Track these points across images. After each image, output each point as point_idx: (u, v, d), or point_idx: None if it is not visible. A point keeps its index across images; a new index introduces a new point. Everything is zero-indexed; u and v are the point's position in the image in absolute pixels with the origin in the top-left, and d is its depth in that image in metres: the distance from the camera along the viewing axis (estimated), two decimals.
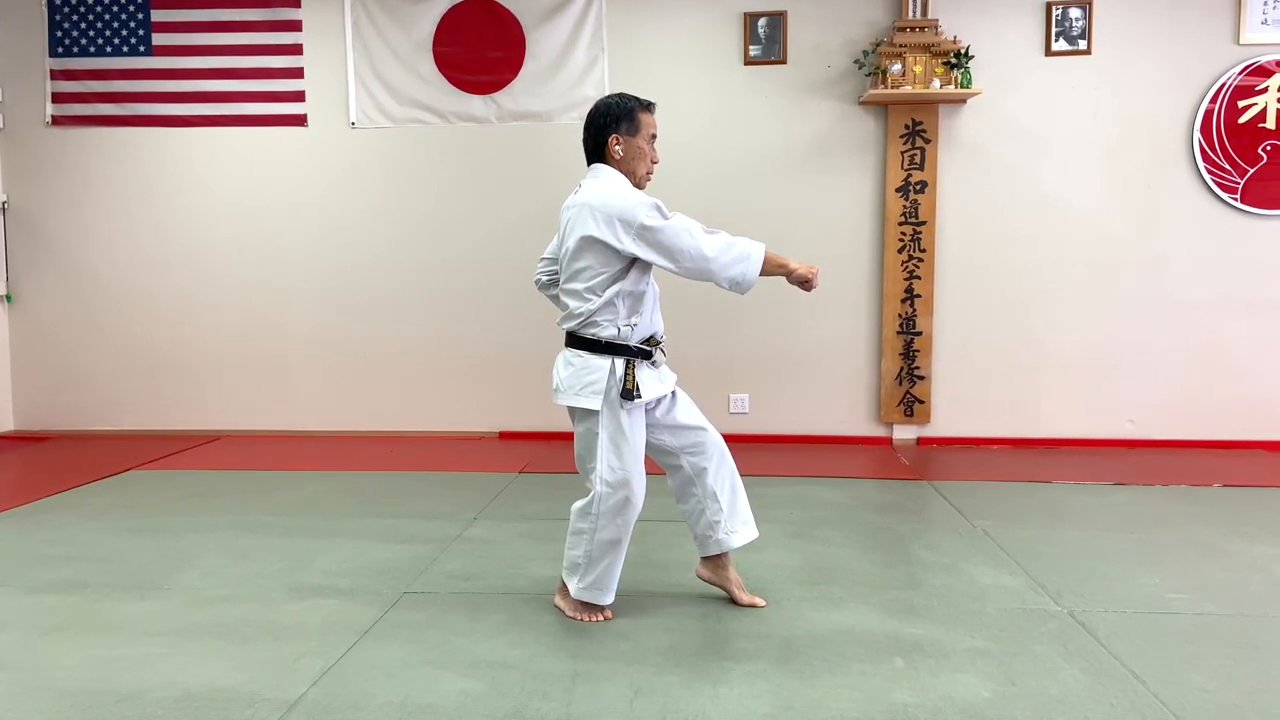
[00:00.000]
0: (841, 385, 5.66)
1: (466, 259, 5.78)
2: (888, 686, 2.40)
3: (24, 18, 5.83)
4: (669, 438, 2.89)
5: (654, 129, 2.85)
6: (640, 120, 2.81)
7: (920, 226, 5.45)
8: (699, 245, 2.63)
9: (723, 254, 2.64)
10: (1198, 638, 2.71)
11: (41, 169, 5.92)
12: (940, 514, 4.09)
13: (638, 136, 2.81)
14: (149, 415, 6.02)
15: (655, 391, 2.78)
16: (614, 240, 2.65)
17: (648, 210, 2.64)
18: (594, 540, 2.80)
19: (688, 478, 2.91)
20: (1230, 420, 5.45)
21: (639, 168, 2.83)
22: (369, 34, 5.67)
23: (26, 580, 3.24)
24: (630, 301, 2.74)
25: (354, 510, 4.16)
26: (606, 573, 2.83)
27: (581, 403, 2.74)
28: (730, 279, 2.66)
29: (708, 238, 2.65)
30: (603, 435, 2.74)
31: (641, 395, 2.72)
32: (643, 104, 2.84)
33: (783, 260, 2.71)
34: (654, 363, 2.81)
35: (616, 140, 2.79)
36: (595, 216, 2.67)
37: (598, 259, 2.69)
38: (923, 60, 5.20)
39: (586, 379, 2.74)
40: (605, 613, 2.87)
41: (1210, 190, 5.37)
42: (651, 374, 2.79)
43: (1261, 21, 5.26)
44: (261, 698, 2.35)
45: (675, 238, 2.63)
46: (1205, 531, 3.77)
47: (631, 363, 2.73)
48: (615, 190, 2.71)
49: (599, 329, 2.73)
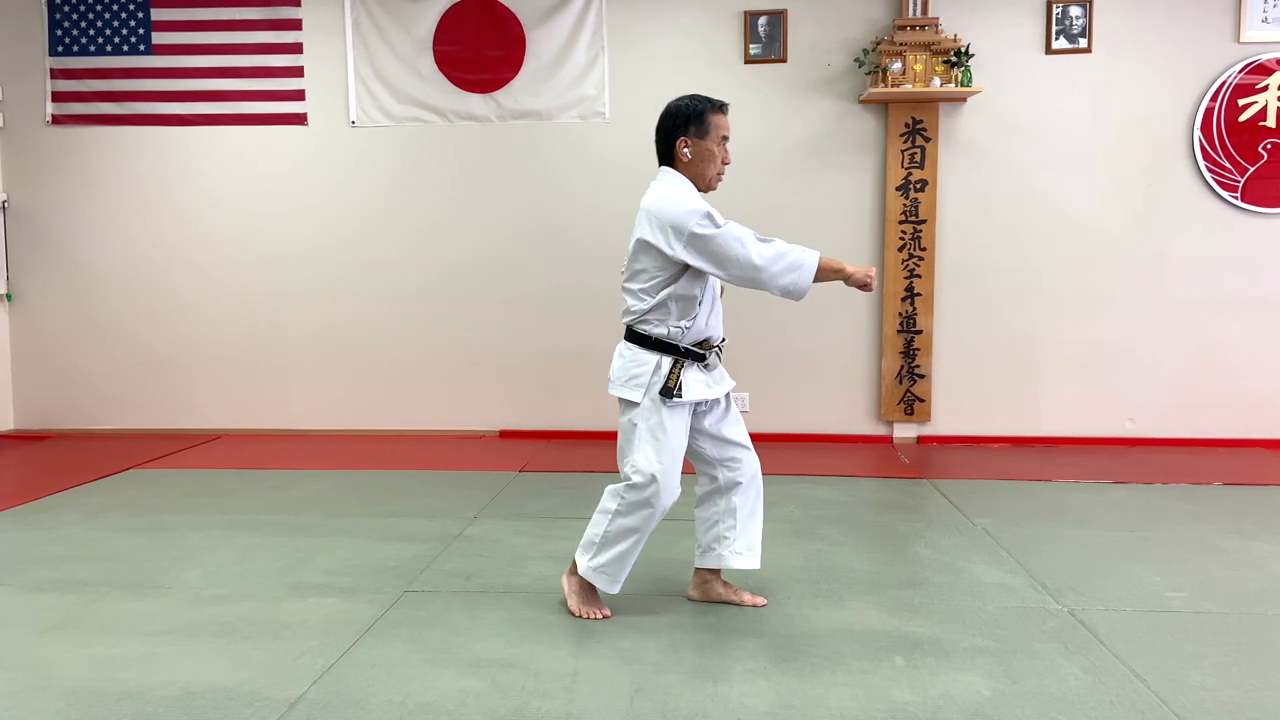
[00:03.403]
0: (842, 384, 5.66)
1: (467, 257, 5.78)
2: (888, 685, 2.40)
3: (24, 17, 5.83)
4: (710, 448, 2.91)
5: (725, 130, 2.80)
6: (710, 122, 2.78)
7: (920, 225, 5.45)
8: (749, 254, 2.63)
9: (773, 263, 2.64)
10: (1197, 636, 2.71)
11: (41, 168, 5.92)
12: (940, 512, 4.09)
13: (707, 139, 2.78)
14: (149, 414, 6.02)
15: (700, 394, 2.79)
16: (665, 246, 2.68)
17: (699, 219, 2.65)
18: (614, 522, 2.82)
19: (717, 488, 2.94)
20: (1230, 419, 5.45)
21: (707, 170, 2.82)
22: (369, 33, 5.67)
23: (27, 579, 3.24)
24: (683, 305, 2.76)
25: (354, 509, 4.16)
26: (618, 561, 2.84)
27: (625, 394, 2.80)
28: (781, 288, 2.67)
29: (759, 245, 2.65)
30: (641, 427, 2.77)
31: (682, 395, 2.74)
32: (714, 105, 2.80)
33: (839, 265, 2.70)
34: (706, 365, 2.82)
35: (685, 143, 2.78)
36: (650, 221, 2.71)
37: (652, 262, 2.74)
38: (923, 59, 5.20)
39: (632, 372, 2.79)
40: (604, 609, 2.88)
41: (1210, 188, 5.37)
42: (700, 377, 2.80)
43: (1262, 20, 5.26)
44: (262, 696, 2.35)
45: (725, 246, 2.64)
46: (1205, 530, 3.77)
47: (679, 362, 2.76)
48: (672, 196, 2.73)
49: (651, 326, 2.78)
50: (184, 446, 5.57)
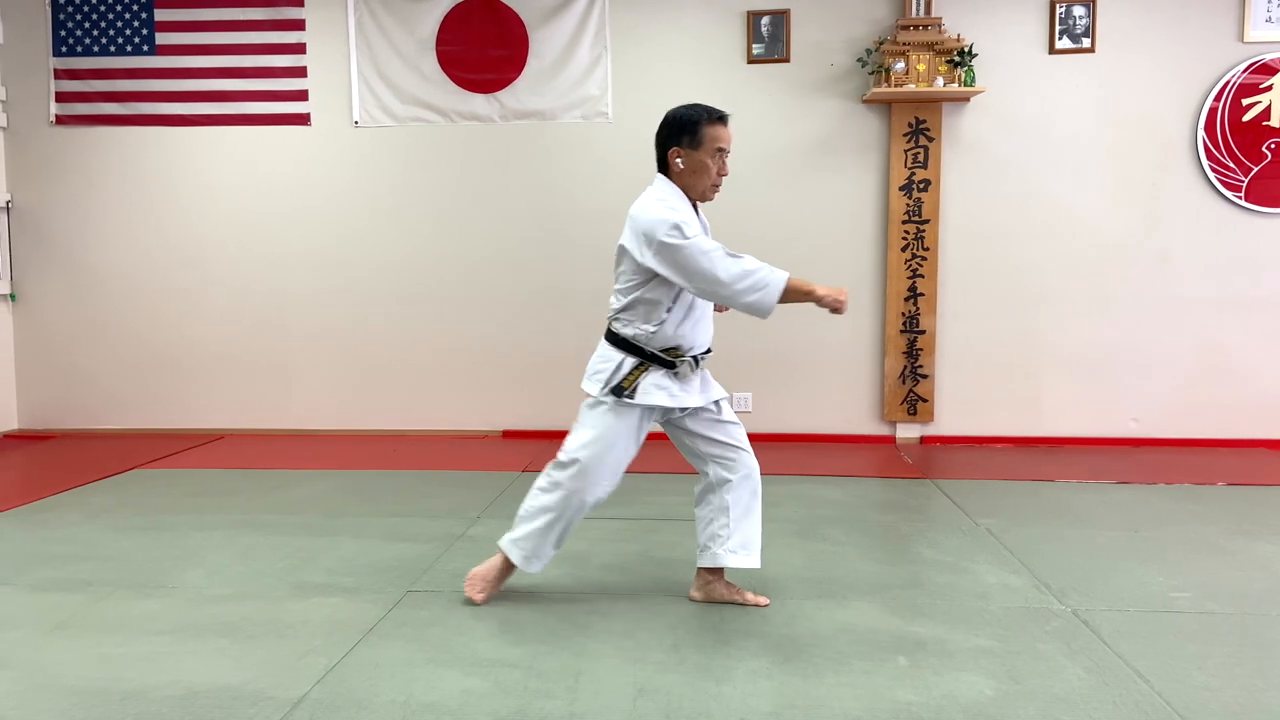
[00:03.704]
0: (845, 384, 5.66)
1: (470, 257, 5.78)
2: (891, 685, 2.40)
3: (28, 17, 5.84)
4: (701, 445, 2.94)
5: (722, 142, 2.77)
6: (704, 133, 2.76)
7: (924, 225, 5.45)
8: (714, 269, 2.63)
9: (738, 280, 2.64)
10: (1201, 636, 2.71)
11: (45, 168, 5.93)
12: (943, 513, 4.08)
13: (700, 150, 2.76)
14: (153, 414, 6.03)
15: (659, 400, 2.80)
16: (637, 253, 2.73)
17: (668, 229, 2.66)
18: (536, 499, 2.91)
19: (710, 485, 2.96)
20: (1234, 419, 5.44)
21: (699, 182, 2.80)
22: (372, 33, 5.67)
23: (31, 579, 3.25)
24: (648, 309, 2.79)
25: (357, 509, 4.16)
26: (533, 538, 2.91)
27: (587, 386, 2.90)
28: (745, 305, 2.67)
29: (726, 261, 2.64)
30: (587, 416, 2.87)
31: (634, 397, 2.78)
32: (712, 116, 2.77)
33: (808, 287, 2.67)
34: (677, 373, 2.84)
35: (677, 153, 2.78)
36: (629, 226, 2.77)
37: (629, 265, 2.79)
38: (926, 58, 5.20)
39: (597, 367, 2.89)
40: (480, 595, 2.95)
41: (1214, 188, 5.36)
42: (665, 383, 2.82)
43: (1266, 19, 5.25)
44: (265, 696, 2.36)
45: (690, 259, 2.65)
46: (1209, 530, 3.77)
47: (642, 365, 2.80)
48: (651, 204, 2.75)
49: (622, 326, 2.85)
50: (187, 446, 5.58)
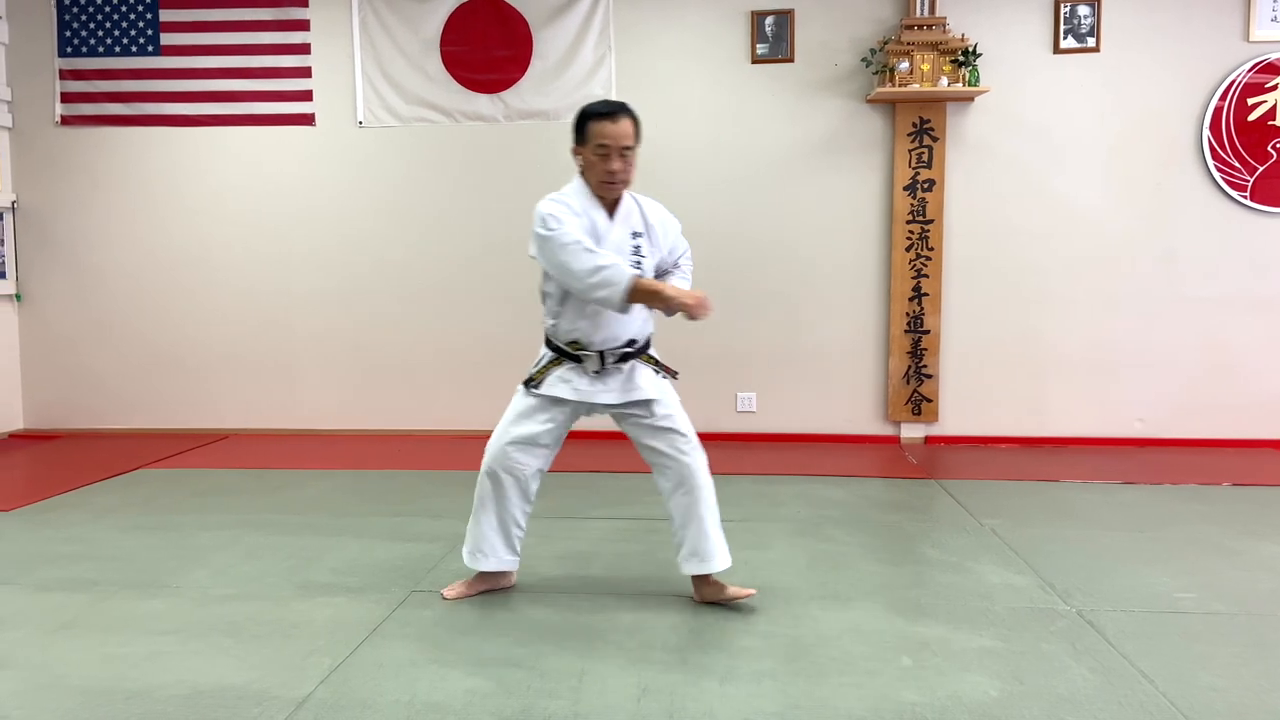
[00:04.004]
0: (849, 384, 5.65)
1: (474, 257, 5.78)
2: (895, 685, 2.40)
3: (33, 18, 5.85)
4: (642, 450, 2.98)
5: (606, 138, 2.70)
6: (589, 130, 2.74)
7: (928, 225, 5.44)
8: (569, 261, 2.68)
9: (588, 276, 2.66)
10: (1206, 637, 2.70)
11: (51, 169, 5.95)
12: (948, 513, 4.08)
13: (586, 147, 2.76)
14: (158, 414, 6.04)
15: (560, 393, 2.86)
16: (530, 244, 2.79)
17: (540, 220, 2.74)
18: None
19: (661, 491, 2.98)
20: (1239, 419, 5.43)
21: (592, 177, 2.80)
22: (376, 33, 5.68)
23: (36, 578, 3.26)
24: (549, 301, 2.89)
25: (362, 509, 4.17)
26: (471, 534, 3.01)
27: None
28: (596, 300, 2.71)
29: (582, 256, 2.66)
30: (510, 406, 2.96)
31: (540, 389, 2.87)
32: (597, 113, 2.73)
33: (654, 289, 2.68)
34: (585, 368, 2.85)
35: (575, 150, 2.83)
36: None
37: None
38: (930, 58, 5.19)
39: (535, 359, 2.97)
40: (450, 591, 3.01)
41: (1219, 188, 5.35)
42: (570, 378, 2.85)
43: (1271, 19, 5.23)
44: (270, 695, 2.36)
45: (553, 250, 2.71)
46: (1214, 530, 3.76)
47: (555, 359, 2.89)
48: (547, 198, 2.80)
49: (544, 320, 2.94)
50: (192, 446, 5.59)
